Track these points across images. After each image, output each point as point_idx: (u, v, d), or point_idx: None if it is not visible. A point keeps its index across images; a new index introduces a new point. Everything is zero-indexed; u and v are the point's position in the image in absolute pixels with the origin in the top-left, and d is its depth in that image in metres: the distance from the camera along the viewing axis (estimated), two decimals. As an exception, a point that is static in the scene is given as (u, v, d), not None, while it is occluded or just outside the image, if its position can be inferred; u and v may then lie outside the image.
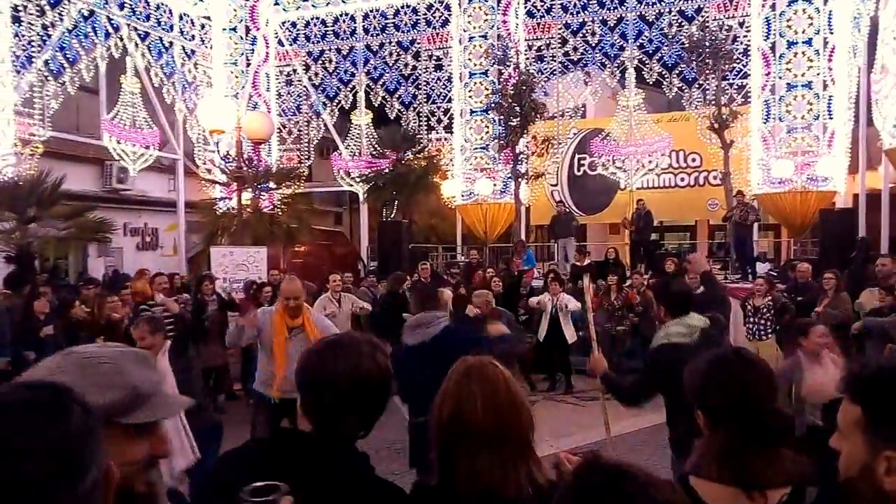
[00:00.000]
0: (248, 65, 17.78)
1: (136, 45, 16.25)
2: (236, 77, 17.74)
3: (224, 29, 17.76)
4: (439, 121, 17.32)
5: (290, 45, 18.08)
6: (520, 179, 15.27)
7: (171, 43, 17.03)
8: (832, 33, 14.03)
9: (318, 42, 17.96)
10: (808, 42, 14.06)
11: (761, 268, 13.32)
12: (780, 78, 14.23)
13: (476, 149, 16.35)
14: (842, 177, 14.30)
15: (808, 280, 9.89)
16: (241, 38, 17.80)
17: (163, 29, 16.85)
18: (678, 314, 4.05)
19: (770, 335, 9.47)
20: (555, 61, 16.26)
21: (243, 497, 1.29)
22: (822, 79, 13.99)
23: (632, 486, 1.03)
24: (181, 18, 17.26)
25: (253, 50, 17.80)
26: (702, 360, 1.83)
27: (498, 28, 16.13)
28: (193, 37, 17.53)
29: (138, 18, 16.30)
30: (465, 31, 16.46)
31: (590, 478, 1.07)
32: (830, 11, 14.02)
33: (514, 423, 1.72)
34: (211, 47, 17.77)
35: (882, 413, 1.19)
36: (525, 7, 16.43)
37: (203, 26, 17.71)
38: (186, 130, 17.30)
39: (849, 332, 8.06)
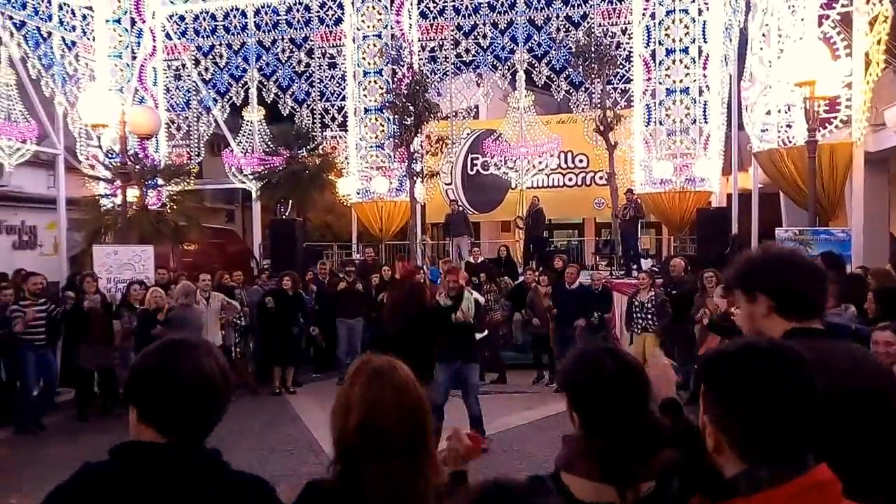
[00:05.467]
0: (134, 58, 15.15)
1: (12, 34, 13.42)
2: (121, 70, 15.08)
3: (107, 20, 15.05)
4: (333, 118, 15.43)
5: (179, 38, 15.63)
6: (415, 178, 13.71)
7: (49, 33, 14.19)
8: (706, 42, 13.29)
9: (208, 37, 15.59)
10: (685, 50, 13.27)
11: (645, 264, 12.40)
12: (659, 83, 13.39)
13: (371, 147, 14.56)
14: (716, 178, 13.63)
15: (680, 275, 9.30)
16: (126, 30, 15.14)
17: (40, 18, 14.01)
18: None
19: (652, 330, 8.65)
20: (447, 62, 14.83)
21: None
22: (697, 85, 13.26)
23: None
24: (61, 8, 14.45)
25: (139, 43, 15.18)
26: (574, 357, 1.63)
27: (391, 28, 14.41)
28: (74, 28, 14.71)
29: (13, 7, 13.45)
30: (358, 29, 14.62)
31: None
32: (705, 22, 13.26)
33: (423, 430, 1.55)
34: (93, 39, 14.98)
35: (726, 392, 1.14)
36: (418, 8, 14.85)
37: (84, 17, 14.92)
38: (67, 124, 14.52)
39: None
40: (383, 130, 14.38)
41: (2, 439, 7.42)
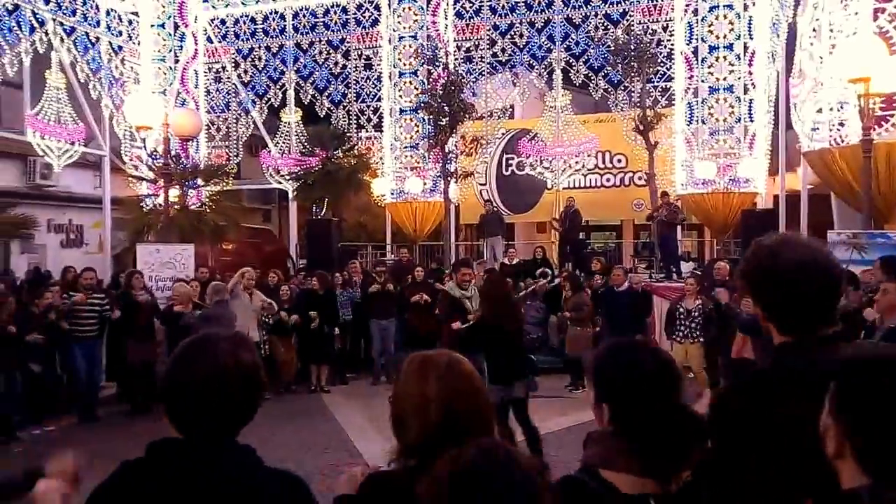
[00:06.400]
0: (177, 61, 15.45)
1: (62, 40, 13.85)
2: (164, 73, 15.39)
3: (152, 25, 15.40)
4: (369, 119, 15.42)
5: (219, 42, 15.87)
6: (449, 178, 13.62)
7: (97, 38, 14.62)
8: (752, 38, 12.79)
9: (248, 40, 15.80)
10: (730, 47, 12.78)
11: (685, 267, 12.00)
12: (702, 81, 12.93)
13: (406, 147, 14.49)
14: (762, 178, 13.09)
15: (725, 279, 8.83)
16: (170, 34, 15.45)
17: (89, 24, 14.42)
18: None
19: (699, 339, 8.16)
20: (483, 62, 14.64)
21: None
22: (742, 82, 12.75)
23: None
24: (108, 14, 14.84)
25: (181, 46, 15.49)
26: (607, 350, 1.57)
27: (427, 28, 14.32)
28: (121, 32, 15.11)
29: (64, 13, 13.89)
30: (394, 31, 14.59)
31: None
32: (750, 17, 12.76)
33: (493, 422, 1.58)
34: (138, 43, 15.38)
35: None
36: (454, 8, 14.71)
37: (130, 22, 15.32)
38: (113, 126, 14.91)
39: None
40: (418, 131, 14.30)
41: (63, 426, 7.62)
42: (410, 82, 14.34)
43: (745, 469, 1.45)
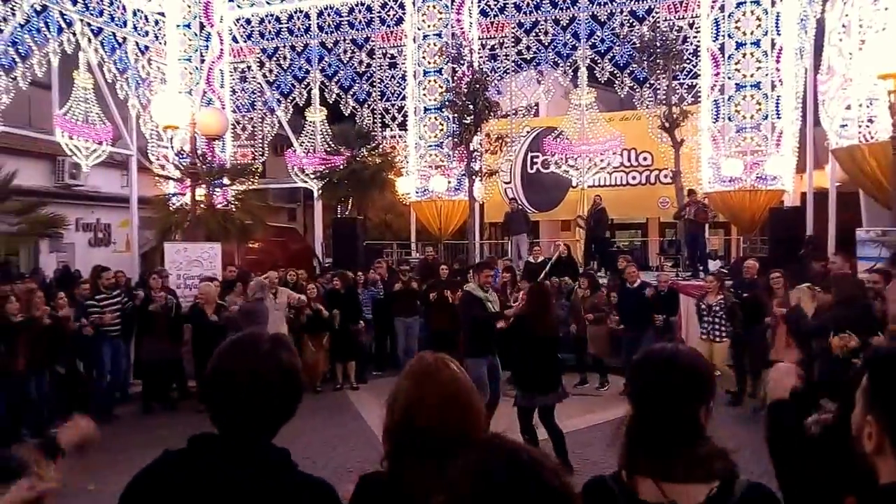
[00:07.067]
0: (202, 61, 15.79)
1: (90, 40, 14.21)
2: (190, 73, 15.73)
3: (178, 25, 15.74)
4: (393, 118, 15.72)
5: (245, 41, 16.23)
6: (474, 177, 13.80)
7: (124, 39, 14.98)
8: (779, 35, 12.82)
9: (273, 39, 16.15)
10: (757, 43, 12.81)
11: (712, 265, 12.05)
12: (729, 78, 12.98)
13: (430, 146, 14.71)
14: (790, 176, 13.10)
15: (753, 277, 8.92)
16: (196, 34, 15.80)
17: (116, 25, 14.78)
18: None
19: (724, 338, 8.23)
20: (508, 60, 14.84)
21: None
22: (770, 79, 12.77)
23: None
24: (135, 14, 15.21)
25: (207, 46, 15.83)
26: (639, 355, 1.59)
27: (452, 27, 14.53)
28: (147, 33, 15.48)
29: (91, 14, 14.25)
30: (419, 29, 14.82)
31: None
32: (778, 13, 12.80)
33: (469, 429, 1.50)
34: (165, 43, 15.74)
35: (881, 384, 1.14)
36: (479, 6, 14.92)
37: (157, 22, 15.68)
38: (140, 126, 15.28)
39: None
40: (442, 129, 14.51)
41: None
42: (435, 81, 14.55)
43: None
